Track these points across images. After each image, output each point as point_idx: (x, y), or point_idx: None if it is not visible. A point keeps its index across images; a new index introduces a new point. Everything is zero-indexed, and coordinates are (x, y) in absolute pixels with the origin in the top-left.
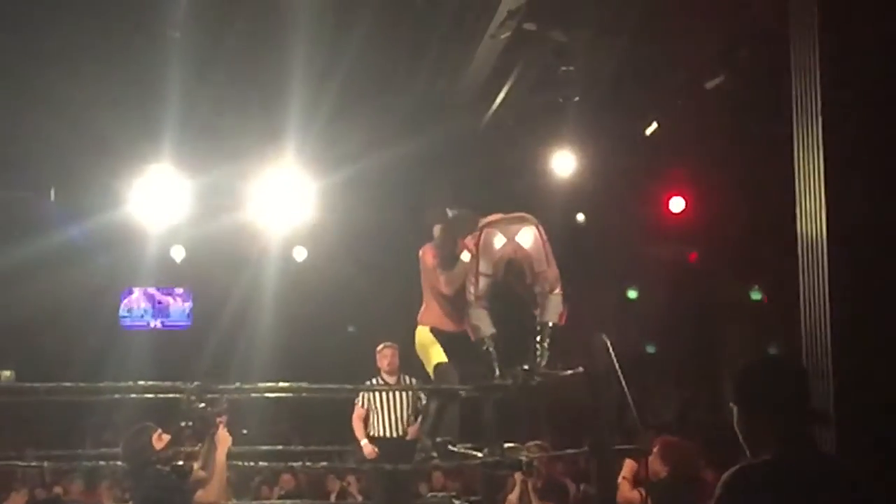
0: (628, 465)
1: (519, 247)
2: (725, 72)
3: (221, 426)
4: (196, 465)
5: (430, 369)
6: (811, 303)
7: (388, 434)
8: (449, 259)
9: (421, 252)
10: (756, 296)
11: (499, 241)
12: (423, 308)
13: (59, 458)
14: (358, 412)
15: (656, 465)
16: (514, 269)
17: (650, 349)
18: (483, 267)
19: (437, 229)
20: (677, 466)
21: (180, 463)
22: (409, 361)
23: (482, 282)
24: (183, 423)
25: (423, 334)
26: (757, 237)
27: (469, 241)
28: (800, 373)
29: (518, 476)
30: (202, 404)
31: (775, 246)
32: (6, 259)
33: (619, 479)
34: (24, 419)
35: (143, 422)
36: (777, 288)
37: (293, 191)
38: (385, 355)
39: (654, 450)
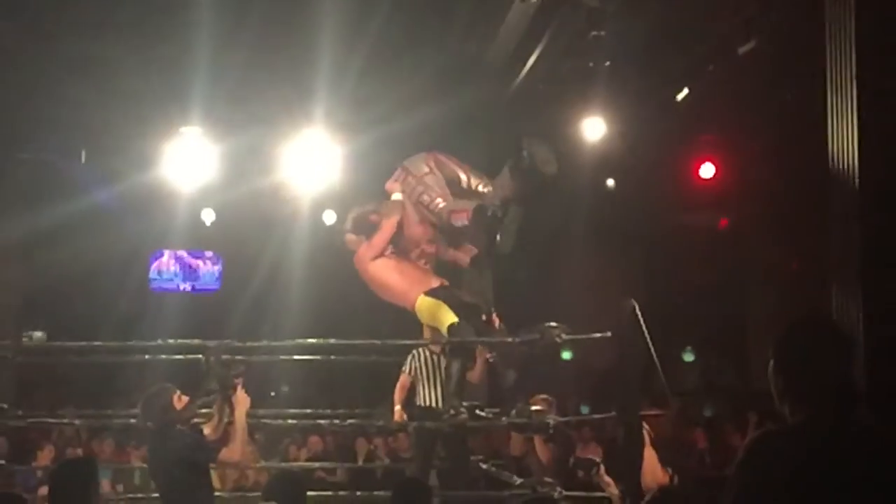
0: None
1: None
2: (758, 37)
3: (239, 387)
4: (208, 426)
5: (443, 329)
6: (842, 270)
7: (436, 405)
8: (369, 227)
9: (355, 261)
10: (688, 357)
11: (418, 157)
12: (399, 297)
13: (92, 416)
14: (402, 380)
15: None
16: (446, 172)
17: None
18: (428, 178)
19: (349, 238)
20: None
21: (198, 423)
22: None
23: (430, 179)
24: (204, 385)
25: (422, 303)
26: (788, 203)
27: (390, 183)
28: (844, 339)
29: None
30: (221, 366)
31: (807, 212)
32: (37, 222)
33: (647, 447)
34: (57, 381)
35: (162, 383)
36: (808, 254)
37: (323, 154)
38: None
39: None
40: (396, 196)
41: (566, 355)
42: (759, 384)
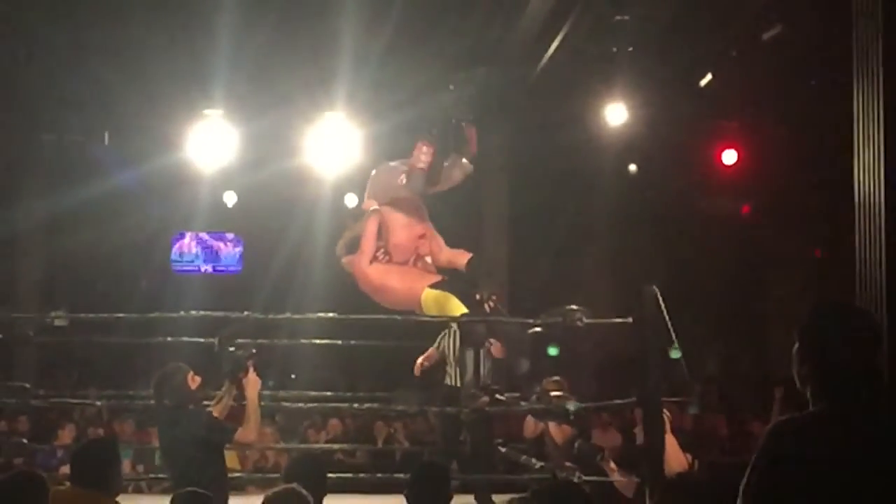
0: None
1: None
2: (782, 22)
3: (251, 369)
4: (216, 408)
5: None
6: (867, 255)
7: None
8: (356, 243)
9: (356, 279)
10: (675, 354)
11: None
12: (403, 297)
13: (113, 397)
14: (430, 351)
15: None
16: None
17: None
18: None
19: (345, 261)
20: None
21: (207, 404)
22: None
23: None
24: (220, 367)
25: (428, 295)
26: (811, 190)
27: (366, 201)
28: (872, 326)
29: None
30: (232, 347)
31: (829, 199)
32: (60, 202)
33: (668, 433)
34: (78, 361)
35: (176, 363)
36: (830, 242)
37: (345, 137)
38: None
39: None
40: (373, 206)
41: (553, 351)
42: (777, 371)
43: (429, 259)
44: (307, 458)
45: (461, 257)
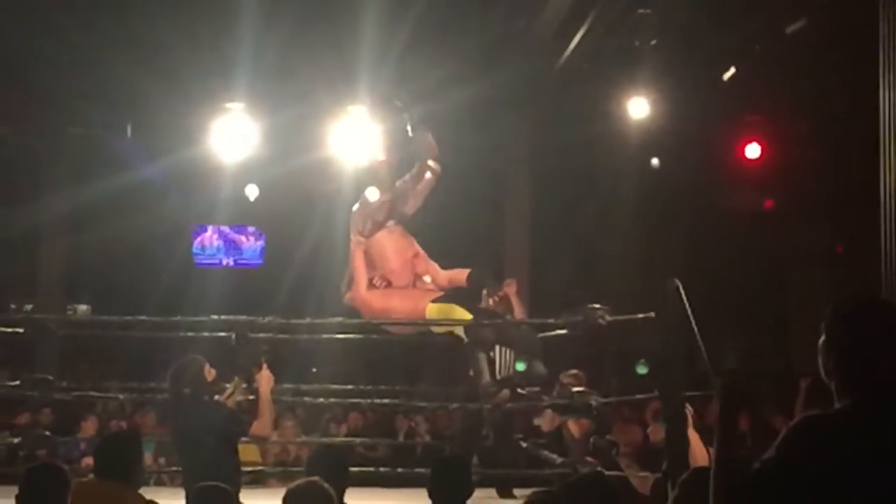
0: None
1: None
2: (807, 16)
3: (265, 366)
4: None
5: (460, 332)
6: (892, 250)
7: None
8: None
9: (359, 308)
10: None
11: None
12: (410, 307)
13: (135, 390)
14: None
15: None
16: None
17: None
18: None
19: (347, 298)
20: None
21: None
22: None
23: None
24: (237, 362)
25: (431, 310)
26: (835, 184)
27: (352, 240)
28: None
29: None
30: (247, 343)
31: (853, 193)
32: (83, 195)
33: (690, 429)
34: (101, 354)
35: (193, 354)
36: (853, 238)
37: (367, 131)
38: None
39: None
40: (358, 240)
41: (520, 366)
42: (800, 366)
43: (427, 278)
44: (329, 452)
45: (460, 274)
